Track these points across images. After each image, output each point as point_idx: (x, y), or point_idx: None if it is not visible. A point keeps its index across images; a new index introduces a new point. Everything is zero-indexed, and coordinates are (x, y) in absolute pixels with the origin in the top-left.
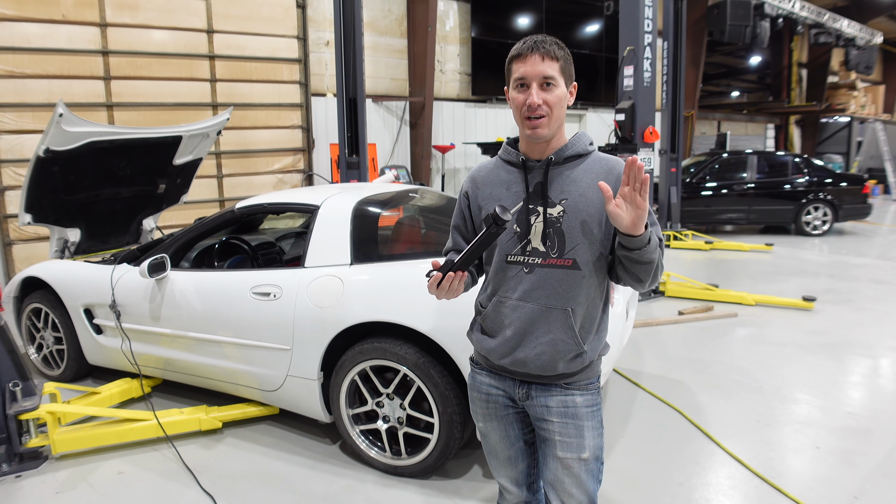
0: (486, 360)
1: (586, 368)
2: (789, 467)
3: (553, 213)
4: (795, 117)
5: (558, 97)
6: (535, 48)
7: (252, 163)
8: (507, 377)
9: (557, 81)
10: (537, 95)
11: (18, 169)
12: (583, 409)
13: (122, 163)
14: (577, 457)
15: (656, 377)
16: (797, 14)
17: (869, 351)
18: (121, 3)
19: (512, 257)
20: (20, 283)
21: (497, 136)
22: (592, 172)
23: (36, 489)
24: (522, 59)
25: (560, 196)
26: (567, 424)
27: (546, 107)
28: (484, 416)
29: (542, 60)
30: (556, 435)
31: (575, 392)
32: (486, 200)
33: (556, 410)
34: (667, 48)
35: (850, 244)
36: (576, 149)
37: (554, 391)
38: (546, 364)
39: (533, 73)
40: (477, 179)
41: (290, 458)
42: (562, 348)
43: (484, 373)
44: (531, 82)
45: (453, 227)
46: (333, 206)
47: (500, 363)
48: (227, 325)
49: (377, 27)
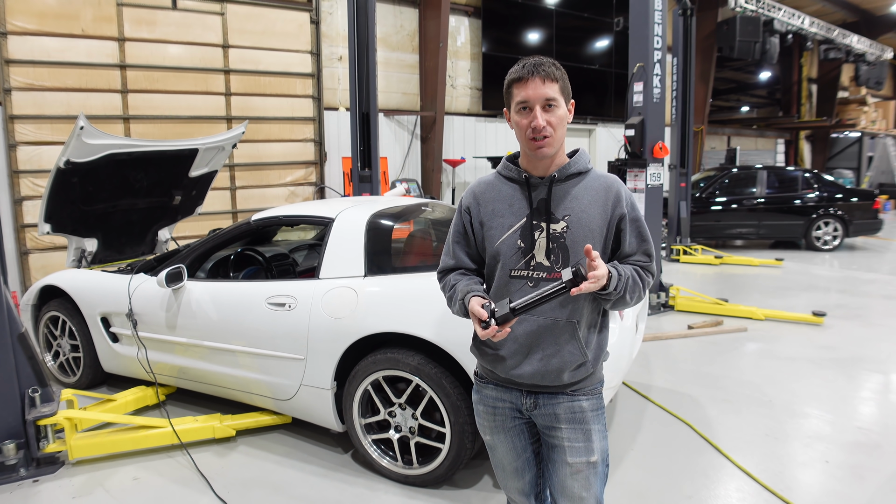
0: (491, 373)
1: (591, 375)
2: (798, 481)
3: (557, 228)
4: (806, 132)
5: (560, 117)
6: (535, 71)
7: (265, 175)
8: (514, 388)
9: (559, 102)
10: (541, 118)
11: (36, 180)
12: (589, 414)
13: (139, 174)
14: (587, 461)
15: (666, 391)
16: (806, 30)
17: (879, 366)
18: (139, 18)
19: (516, 272)
20: (38, 291)
21: (507, 150)
22: (593, 190)
23: (53, 494)
24: (523, 84)
25: (563, 212)
26: (575, 430)
27: (550, 128)
28: (491, 429)
29: (542, 83)
30: (564, 441)
31: (581, 397)
32: (489, 217)
33: (564, 417)
34: (676, 64)
35: (861, 259)
36: (577, 167)
37: (561, 398)
38: (554, 375)
39: (535, 96)
40: (478, 195)
41: (302, 467)
42: (568, 359)
43: (490, 386)
44: (534, 105)
45: (454, 243)
46: (348, 218)
47: (507, 376)
48: (242, 334)
49: (389, 43)
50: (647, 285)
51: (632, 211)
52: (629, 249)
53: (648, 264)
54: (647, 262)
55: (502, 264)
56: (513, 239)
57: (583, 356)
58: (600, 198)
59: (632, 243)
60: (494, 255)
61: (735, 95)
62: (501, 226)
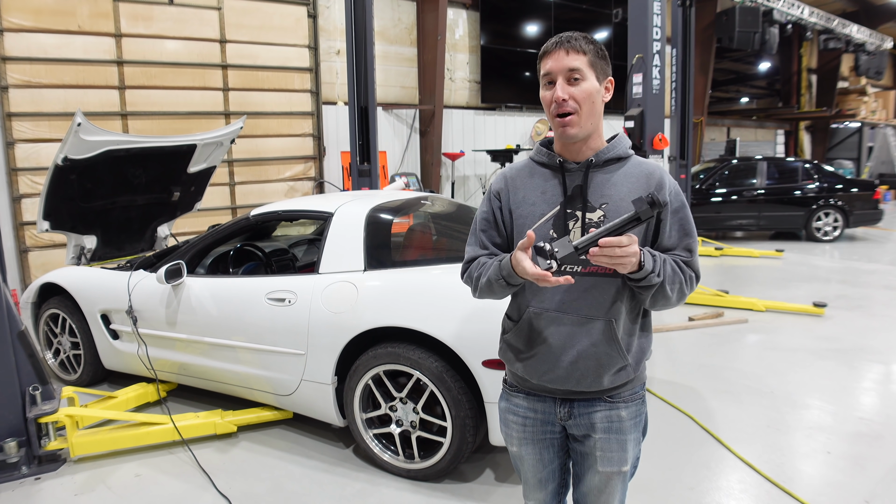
0: (522, 381)
1: (632, 380)
2: (800, 472)
3: (593, 217)
4: (805, 123)
5: (586, 91)
6: (560, 44)
7: (264, 171)
8: (548, 397)
9: (585, 74)
10: (562, 89)
11: (35, 177)
12: (627, 423)
13: (137, 171)
14: (618, 470)
15: (667, 382)
16: (806, 20)
17: (880, 357)
18: (135, 13)
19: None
20: (38, 289)
21: (506, 143)
22: (633, 177)
23: (55, 491)
24: (548, 56)
25: (600, 200)
26: (610, 440)
27: (573, 102)
28: (520, 440)
29: (566, 54)
30: (597, 450)
31: (620, 405)
32: (519, 204)
33: (600, 427)
34: (675, 55)
35: (861, 250)
36: (616, 151)
37: (598, 406)
38: (591, 380)
39: (558, 67)
40: (510, 180)
41: (304, 462)
42: (606, 361)
43: (521, 395)
44: (556, 77)
45: (480, 231)
46: (347, 213)
47: (538, 382)
48: (242, 330)
49: (387, 36)
50: (690, 282)
51: (674, 201)
52: (668, 243)
53: (689, 260)
54: (687, 258)
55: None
56: (545, 228)
57: (622, 359)
58: (641, 186)
59: (671, 236)
60: None
61: (734, 86)
62: (532, 214)
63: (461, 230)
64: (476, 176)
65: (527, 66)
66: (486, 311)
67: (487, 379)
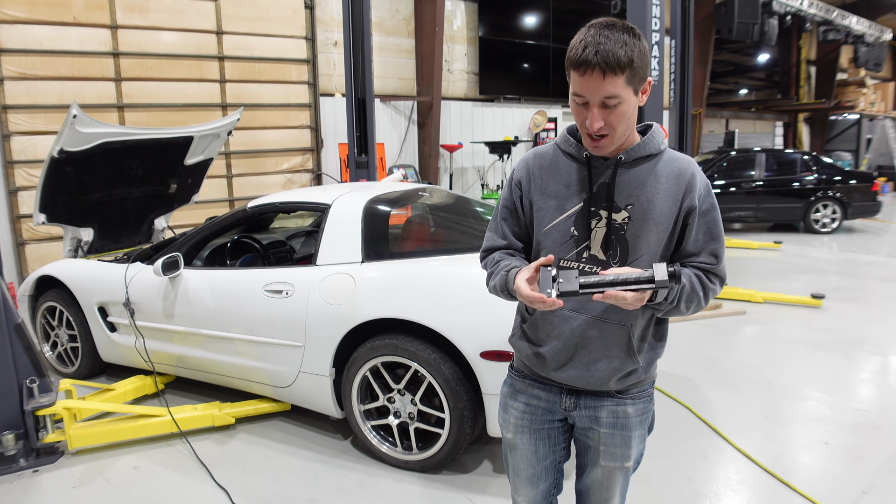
0: (530, 369)
1: (642, 381)
2: (797, 463)
3: (618, 218)
4: (804, 115)
5: (622, 114)
6: (595, 64)
7: (261, 163)
8: (554, 385)
9: (622, 97)
10: (597, 119)
11: (31, 170)
12: (633, 420)
13: (134, 163)
14: (621, 465)
15: (665, 374)
16: (805, 11)
17: (878, 348)
18: (131, 5)
19: (565, 262)
20: (35, 281)
21: (505, 135)
22: (664, 176)
23: (53, 484)
24: (582, 74)
25: (626, 201)
26: (614, 435)
27: (609, 127)
28: (516, 427)
29: (602, 78)
30: (600, 445)
31: (627, 402)
32: (540, 195)
33: (605, 421)
34: (674, 46)
35: (860, 242)
36: (648, 149)
37: (605, 401)
38: (599, 381)
39: (592, 94)
40: (532, 167)
41: (302, 454)
42: (617, 365)
43: (526, 381)
44: (590, 101)
45: (502, 219)
46: (344, 204)
47: (546, 375)
48: (239, 322)
49: (385, 27)
50: (711, 292)
51: (703, 203)
52: (692, 248)
53: (714, 267)
54: (712, 264)
55: (547, 252)
56: (565, 225)
57: (634, 363)
58: (671, 187)
59: (697, 241)
60: (541, 240)
61: (733, 78)
62: (553, 208)
63: (459, 221)
64: (474, 168)
65: (525, 57)
66: (484, 303)
67: (485, 370)
